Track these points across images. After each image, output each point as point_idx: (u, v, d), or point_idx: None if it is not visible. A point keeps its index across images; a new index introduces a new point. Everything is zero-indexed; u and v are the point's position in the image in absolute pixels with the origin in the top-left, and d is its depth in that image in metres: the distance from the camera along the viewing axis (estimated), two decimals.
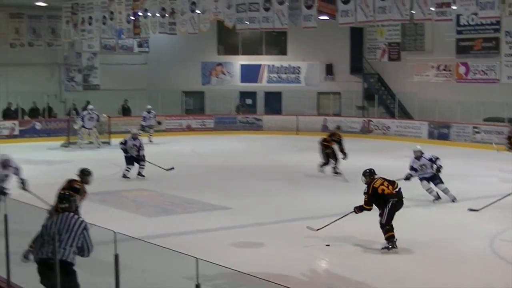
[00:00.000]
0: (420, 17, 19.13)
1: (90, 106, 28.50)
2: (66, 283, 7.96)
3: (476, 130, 28.56)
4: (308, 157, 23.75)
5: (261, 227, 14.00)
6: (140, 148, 20.64)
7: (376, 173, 12.85)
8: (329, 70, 36.09)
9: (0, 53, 33.78)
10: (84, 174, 12.44)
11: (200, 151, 27.54)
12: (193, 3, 25.14)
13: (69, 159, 24.93)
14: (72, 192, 9.10)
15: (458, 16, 25.94)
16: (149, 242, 8.24)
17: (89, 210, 15.22)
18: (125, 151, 20.68)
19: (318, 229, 12.90)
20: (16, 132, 30.64)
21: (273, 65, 36.74)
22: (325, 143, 21.07)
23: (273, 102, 36.38)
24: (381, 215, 12.38)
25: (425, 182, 16.86)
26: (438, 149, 25.29)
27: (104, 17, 29.18)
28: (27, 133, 30.80)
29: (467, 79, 30.68)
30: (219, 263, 7.25)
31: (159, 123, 30.20)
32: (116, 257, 7.40)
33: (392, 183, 12.66)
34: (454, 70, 31.18)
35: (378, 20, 20.83)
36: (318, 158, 21.16)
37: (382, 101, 34.42)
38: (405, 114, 33.31)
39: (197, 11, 25.07)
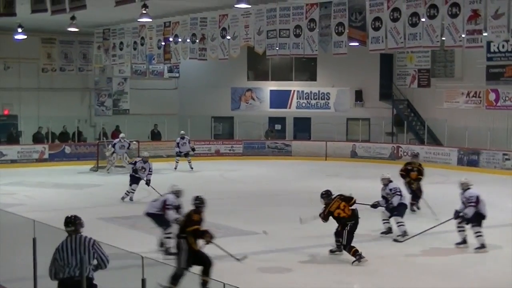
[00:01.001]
0: (451, 44, 19.00)
1: (122, 135, 28.61)
2: None
3: (506, 157, 28.29)
4: (337, 183, 23.67)
5: (289, 253, 13.93)
6: (149, 172, 20.99)
7: (332, 194, 13.53)
8: (359, 96, 36.04)
9: (32, 78, 34.15)
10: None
11: (228, 176, 27.57)
12: (224, 29, 25.24)
13: (98, 183, 25.07)
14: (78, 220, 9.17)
15: (488, 42, 25.84)
16: (176, 267, 8.22)
17: (118, 235, 15.33)
18: (135, 171, 20.99)
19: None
20: (46, 156, 30.89)
21: (302, 91, 36.75)
22: (401, 172, 19.49)
23: (302, 128, 36.34)
24: (340, 234, 13.32)
25: (385, 212, 15.81)
26: (468, 175, 25.08)
27: (135, 42, 29.40)
28: (56, 157, 31.04)
29: (497, 106, 30.48)
30: None
31: (193, 149, 29.67)
32: (143, 281, 7.41)
33: (349, 200, 13.26)
34: (484, 96, 31.00)
35: (408, 47, 20.74)
36: (347, 184, 21.01)
37: (411, 127, 34.28)
38: (435, 141, 33.14)
39: (228, 37, 25.15)
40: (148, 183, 20.85)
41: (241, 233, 16.03)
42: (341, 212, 12.97)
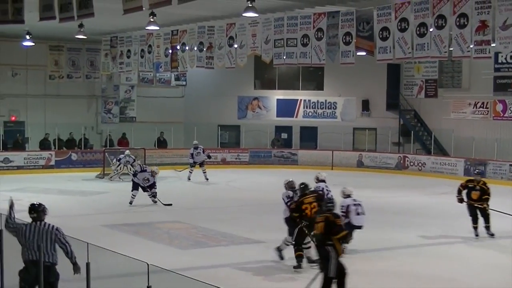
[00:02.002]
0: (459, 54, 18.95)
1: (127, 152, 28.60)
2: (51, 278, 9.25)
3: None
4: None
5: (294, 262, 13.87)
6: (152, 185, 21.40)
7: (309, 189, 13.59)
8: (366, 106, 36.00)
9: (39, 85, 34.29)
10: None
11: (234, 184, 27.57)
12: (231, 37, 25.25)
13: (103, 190, 25.08)
14: (42, 208, 9.59)
15: (496, 53, 25.80)
16: (181, 275, 8.20)
17: (122, 242, 15.32)
18: (134, 175, 21.69)
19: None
20: (52, 163, 30.92)
21: (309, 100, 36.75)
22: (460, 187, 17.17)
23: (309, 137, 36.30)
24: (291, 233, 13.30)
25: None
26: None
27: (142, 50, 29.45)
28: (63, 164, 31.07)
29: (504, 116, 30.40)
30: None
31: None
32: None
33: (319, 203, 12.92)
34: (491, 107, 30.94)
35: (416, 57, 20.71)
36: (354, 193, 20.92)
37: (418, 138, 34.23)
38: (441, 151, 33.07)
39: (235, 46, 25.16)
40: (155, 195, 21.38)
41: (246, 242, 16.00)
42: (308, 211, 12.90)
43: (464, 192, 16.87)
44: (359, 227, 14.24)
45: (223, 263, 13.74)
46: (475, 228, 16.62)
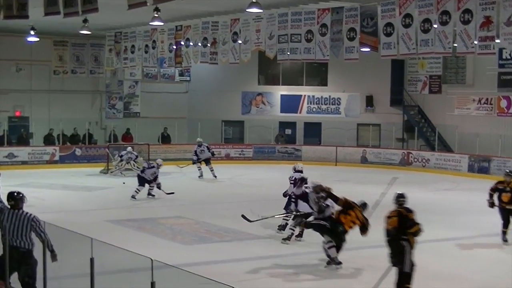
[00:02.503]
0: (463, 51, 18.90)
1: (129, 148, 28.67)
2: (28, 264, 9.51)
3: None
4: (347, 188, 23.59)
5: (297, 258, 13.91)
6: (156, 178, 21.90)
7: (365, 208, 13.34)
8: (369, 101, 36.00)
9: (44, 80, 34.31)
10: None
11: (237, 180, 27.61)
12: (235, 33, 25.24)
13: (108, 185, 25.11)
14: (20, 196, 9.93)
15: (500, 49, 25.75)
16: (185, 270, 8.21)
17: (126, 237, 15.35)
18: (142, 171, 22.08)
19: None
20: (57, 158, 30.99)
21: (313, 96, 36.74)
22: (490, 192, 16.12)
23: (313, 133, 36.30)
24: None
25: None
26: (478, 182, 25.08)
27: (147, 46, 29.48)
28: (67, 159, 31.14)
29: (508, 113, 30.39)
30: None
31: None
32: (153, 284, 7.40)
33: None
34: (495, 103, 30.92)
35: (420, 53, 20.65)
36: (357, 189, 20.92)
37: (422, 134, 34.22)
38: (445, 147, 33.05)
39: (239, 41, 25.15)
40: (159, 187, 21.81)
41: (250, 237, 16.02)
42: (347, 219, 12.83)
43: (496, 196, 15.90)
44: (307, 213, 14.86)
45: (226, 259, 13.77)
46: (504, 232, 15.65)
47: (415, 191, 21.22)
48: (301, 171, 16.80)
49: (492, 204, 15.85)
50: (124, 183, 25.04)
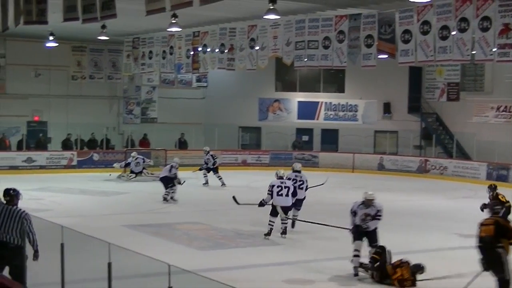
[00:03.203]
0: (481, 58, 18.84)
1: (133, 153, 28.82)
2: (17, 260, 9.61)
3: None
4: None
5: (313, 264, 13.88)
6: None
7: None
8: (387, 108, 35.91)
9: (62, 85, 34.50)
10: None
11: (254, 185, 27.59)
12: (252, 39, 25.29)
13: (125, 190, 25.18)
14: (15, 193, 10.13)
15: None
16: (202, 276, 8.23)
17: (143, 242, 15.39)
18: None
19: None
20: (74, 163, 31.12)
21: (330, 103, 36.70)
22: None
23: (330, 140, 36.26)
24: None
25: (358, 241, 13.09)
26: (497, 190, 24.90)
27: (164, 51, 29.57)
28: (85, 164, 31.25)
29: None
30: None
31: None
32: None
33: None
34: None
35: (438, 60, 20.57)
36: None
37: (439, 141, 34.09)
38: (463, 155, 32.90)
39: (256, 48, 25.20)
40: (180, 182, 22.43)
41: (266, 243, 16.00)
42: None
43: None
44: (284, 207, 16.22)
45: (242, 265, 13.76)
46: None
47: (433, 199, 21.26)
48: (282, 178, 16.87)
49: None
50: (110, 175, 26.50)
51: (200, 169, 27.64)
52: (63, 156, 31.12)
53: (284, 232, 16.44)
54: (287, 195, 16.33)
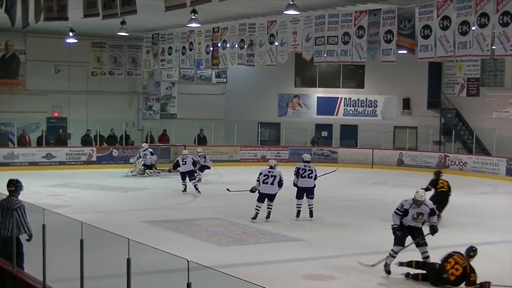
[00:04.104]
0: (502, 53, 18.68)
1: (144, 144, 28.97)
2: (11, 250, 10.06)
3: None
4: (383, 191, 23.54)
5: (333, 260, 13.87)
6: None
7: None
8: (406, 104, 35.80)
9: (81, 81, 34.65)
10: None
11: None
12: (272, 35, 25.27)
13: (143, 186, 25.25)
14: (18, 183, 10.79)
15: None
16: (221, 272, 8.23)
17: (162, 238, 15.43)
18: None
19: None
20: (94, 159, 31.23)
21: (350, 98, 36.64)
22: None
23: (349, 135, 36.19)
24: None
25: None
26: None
27: (184, 47, 29.62)
28: (104, 160, 31.36)
29: None
30: None
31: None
32: (189, 285, 7.42)
33: None
34: None
35: (458, 56, 20.44)
36: (393, 192, 20.79)
37: (459, 137, 33.94)
38: (483, 150, 32.73)
39: (276, 43, 25.17)
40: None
41: (286, 239, 16.02)
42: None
43: None
44: (269, 194, 17.79)
45: (262, 261, 13.77)
46: None
47: (452, 195, 21.05)
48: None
49: None
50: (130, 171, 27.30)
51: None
52: (83, 152, 31.25)
53: (268, 216, 17.97)
54: (272, 183, 17.73)
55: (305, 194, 18.44)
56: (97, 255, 9.70)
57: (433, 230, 12.79)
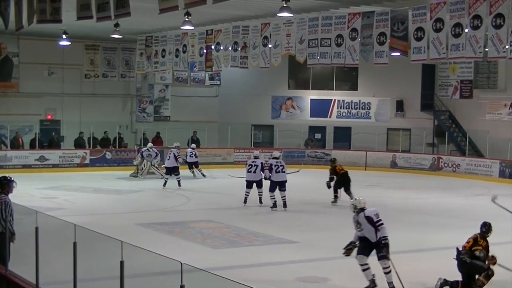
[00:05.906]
0: (494, 55, 18.73)
1: (149, 144, 28.99)
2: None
3: None
4: (377, 193, 23.54)
5: (327, 262, 13.87)
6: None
7: None
8: (400, 106, 35.85)
9: (75, 84, 34.60)
10: None
11: (266, 184, 27.58)
12: (265, 37, 25.28)
13: (137, 189, 25.22)
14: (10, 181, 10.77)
15: None
16: (215, 274, 8.23)
17: (156, 240, 15.41)
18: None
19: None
20: (87, 161, 31.18)
21: (343, 100, 36.67)
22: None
23: (343, 137, 36.23)
24: None
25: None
26: (509, 188, 24.84)
27: (177, 50, 29.61)
28: (97, 162, 31.32)
29: None
30: None
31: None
32: None
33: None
34: None
35: (451, 58, 20.49)
36: (386, 194, 20.83)
37: (452, 139, 33.99)
38: (476, 152, 32.78)
39: (269, 46, 25.18)
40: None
41: (279, 242, 16.00)
42: None
43: None
44: (253, 181, 20.62)
45: (256, 263, 13.76)
46: None
47: (446, 196, 21.19)
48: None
49: None
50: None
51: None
52: (76, 155, 31.19)
53: (260, 201, 20.79)
54: (255, 172, 20.59)
55: (277, 187, 20.28)
56: (90, 257, 9.69)
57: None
